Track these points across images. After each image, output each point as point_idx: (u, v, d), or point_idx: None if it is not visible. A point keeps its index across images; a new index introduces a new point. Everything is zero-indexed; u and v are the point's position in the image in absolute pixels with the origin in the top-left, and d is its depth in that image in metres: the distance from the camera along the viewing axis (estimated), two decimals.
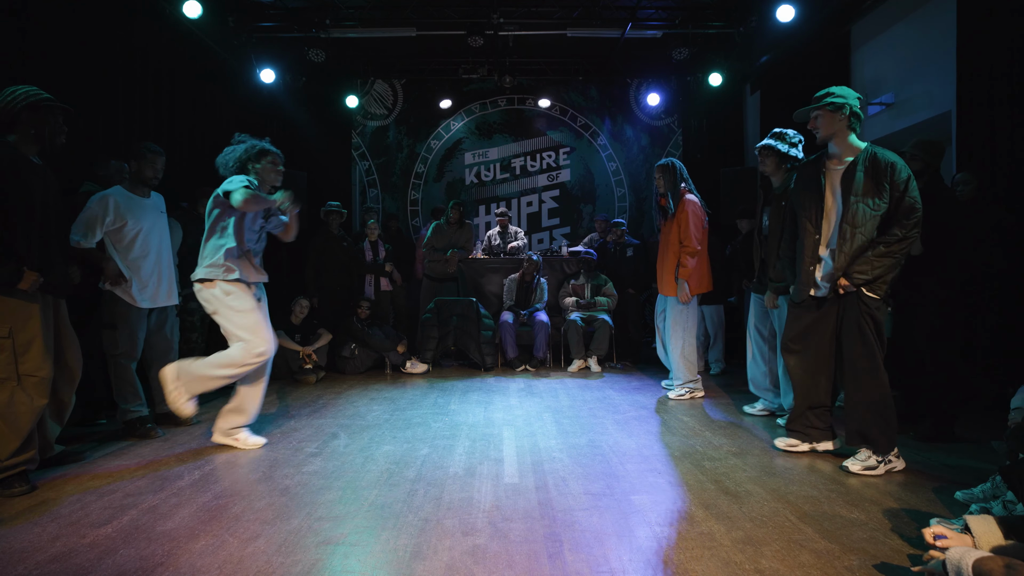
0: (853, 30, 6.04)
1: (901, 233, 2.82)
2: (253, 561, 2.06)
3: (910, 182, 2.83)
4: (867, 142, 2.98)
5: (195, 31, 5.85)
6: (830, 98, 2.94)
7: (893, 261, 2.85)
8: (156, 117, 5.47)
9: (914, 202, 2.82)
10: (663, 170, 4.54)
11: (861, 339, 2.92)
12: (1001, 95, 4.18)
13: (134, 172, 3.67)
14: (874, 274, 2.85)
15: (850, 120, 2.93)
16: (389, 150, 8.88)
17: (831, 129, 2.96)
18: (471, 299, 6.05)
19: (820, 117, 2.98)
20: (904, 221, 2.82)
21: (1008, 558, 1.58)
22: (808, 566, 2.00)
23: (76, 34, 4.47)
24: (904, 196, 2.82)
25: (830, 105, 2.93)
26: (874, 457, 2.93)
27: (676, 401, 4.59)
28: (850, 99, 2.93)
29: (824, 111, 2.96)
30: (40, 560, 2.08)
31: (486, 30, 6.59)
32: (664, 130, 9.00)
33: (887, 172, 2.83)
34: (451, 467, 3.05)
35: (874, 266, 2.85)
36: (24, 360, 2.71)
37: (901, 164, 2.86)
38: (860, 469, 2.91)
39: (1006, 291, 3.89)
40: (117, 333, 3.52)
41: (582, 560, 2.05)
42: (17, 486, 2.71)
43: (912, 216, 2.82)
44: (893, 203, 2.84)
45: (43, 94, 2.83)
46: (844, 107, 2.91)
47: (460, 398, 4.74)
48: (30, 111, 2.78)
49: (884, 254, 2.84)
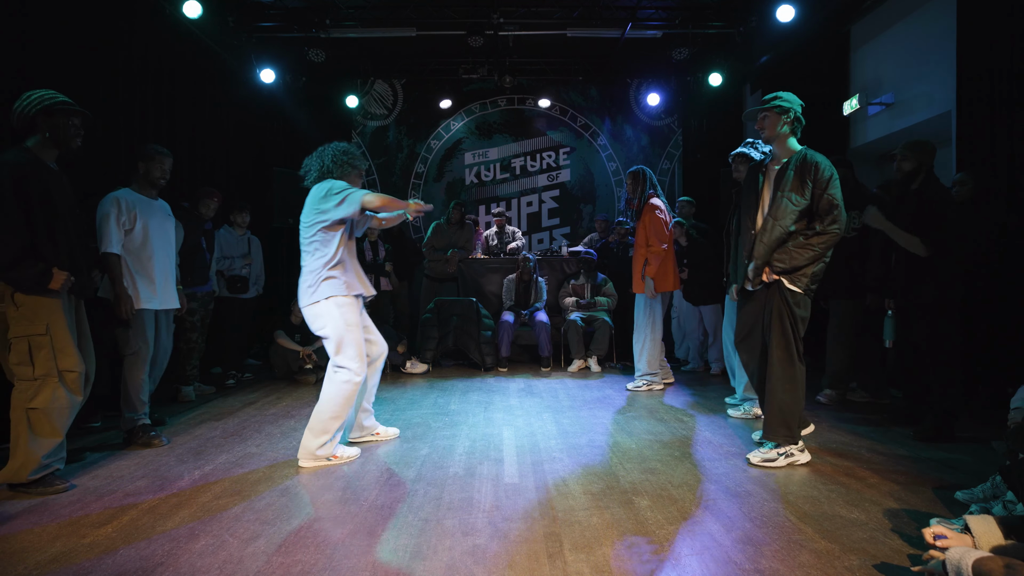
0: (853, 30, 6.04)
1: (819, 227, 2.94)
2: (253, 561, 2.06)
3: (832, 181, 2.96)
4: (804, 146, 3.11)
5: (195, 31, 5.85)
6: (778, 100, 3.08)
7: (812, 253, 2.94)
8: (156, 117, 5.47)
9: (832, 199, 2.93)
10: (633, 176, 4.92)
11: (780, 329, 3.00)
12: (1001, 95, 4.18)
13: (142, 174, 3.63)
14: (792, 264, 2.96)
15: (793, 124, 3.09)
16: (389, 150, 8.88)
17: (774, 130, 3.09)
18: (471, 299, 6.05)
19: (767, 118, 3.11)
20: (823, 216, 2.95)
21: (1008, 558, 1.58)
22: (808, 566, 2.00)
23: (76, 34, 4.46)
24: (824, 193, 2.94)
25: (777, 108, 3.07)
26: (775, 449, 3.02)
27: (679, 399, 4.60)
28: (795, 105, 3.09)
29: (771, 112, 3.09)
30: (40, 560, 2.08)
31: (486, 30, 6.59)
32: (664, 130, 9.00)
33: (811, 170, 2.98)
34: (451, 467, 3.05)
35: (792, 256, 2.96)
36: (63, 357, 2.75)
37: (826, 164, 2.99)
38: (760, 461, 3.02)
39: (1006, 291, 3.89)
40: (131, 332, 3.51)
41: (582, 560, 2.06)
42: (58, 483, 2.76)
43: (830, 212, 2.93)
44: (814, 200, 2.97)
45: (59, 97, 2.83)
46: (789, 111, 3.07)
47: (460, 398, 4.74)
48: (45, 115, 2.78)
49: (802, 245, 2.95)
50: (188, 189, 5.05)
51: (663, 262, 4.71)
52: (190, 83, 6.07)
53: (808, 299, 3.02)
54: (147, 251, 3.55)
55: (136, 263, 3.52)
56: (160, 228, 3.66)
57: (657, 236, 4.71)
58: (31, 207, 2.70)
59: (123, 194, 3.53)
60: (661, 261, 4.70)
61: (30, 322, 2.70)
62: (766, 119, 3.10)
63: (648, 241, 4.72)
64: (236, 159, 6.87)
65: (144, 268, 3.54)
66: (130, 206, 3.50)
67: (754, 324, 3.18)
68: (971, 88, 4.43)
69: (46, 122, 2.79)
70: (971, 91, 4.43)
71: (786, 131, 3.08)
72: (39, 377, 2.71)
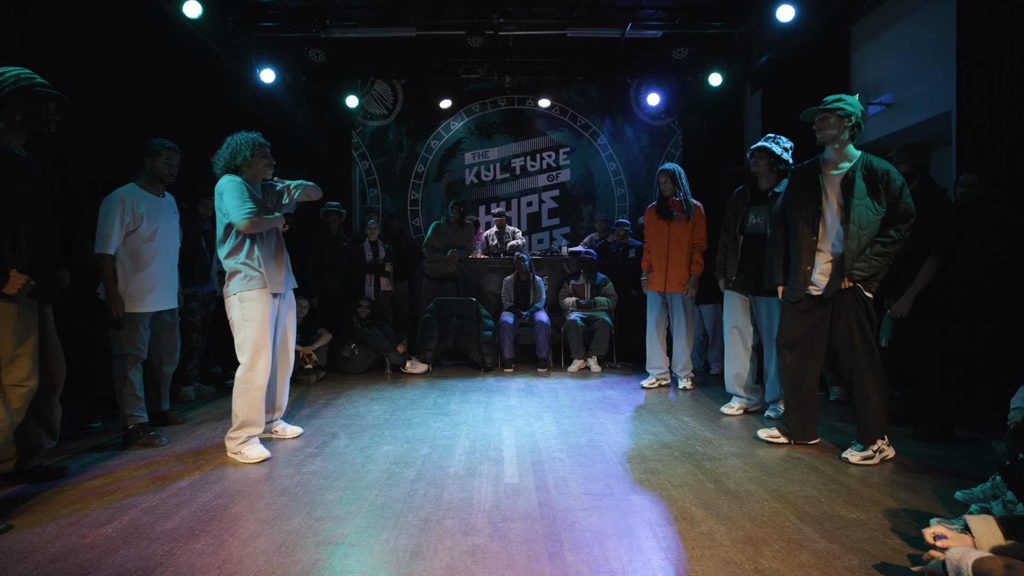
0: (853, 30, 6.04)
1: (897, 235, 3.02)
2: (253, 561, 2.06)
3: (904, 189, 3.03)
4: (863, 152, 3.14)
5: (195, 31, 5.85)
6: (842, 103, 3.06)
7: (887, 261, 3.05)
8: (156, 117, 5.47)
9: (908, 207, 3.02)
10: (671, 176, 4.84)
11: (863, 335, 3.07)
12: (1001, 95, 4.18)
13: (148, 170, 3.56)
14: (871, 271, 3.03)
15: (853, 129, 3.09)
16: (389, 150, 8.88)
17: (832, 135, 3.09)
18: (471, 299, 6.05)
19: (827, 119, 3.08)
20: (900, 225, 3.02)
21: (1008, 558, 1.58)
22: (808, 566, 2.00)
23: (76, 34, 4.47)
24: (899, 201, 3.01)
25: (840, 111, 3.05)
26: (870, 448, 3.09)
27: (679, 400, 4.60)
28: (858, 110, 3.08)
29: (834, 115, 3.07)
30: (40, 560, 2.08)
31: (486, 30, 6.59)
32: (664, 130, 9.00)
33: (883, 179, 3.03)
34: (451, 467, 3.05)
35: (872, 264, 3.02)
36: (10, 370, 2.48)
37: (895, 172, 3.06)
38: (859, 459, 3.07)
39: (1006, 291, 3.89)
40: (123, 334, 3.43)
41: (582, 560, 2.06)
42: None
43: (907, 220, 3.02)
44: (889, 208, 3.03)
45: (36, 79, 2.59)
46: (852, 116, 3.06)
47: (460, 398, 4.74)
48: (18, 96, 2.54)
49: (881, 253, 3.02)
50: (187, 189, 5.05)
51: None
52: (190, 83, 6.07)
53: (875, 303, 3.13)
54: (151, 251, 3.52)
55: (137, 263, 3.47)
56: (166, 227, 3.63)
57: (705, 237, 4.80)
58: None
59: (128, 192, 3.46)
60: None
61: None
62: (826, 120, 3.08)
63: (696, 242, 4.77)
64: None
65: (145, 268, 3.49)
66: (136, 205, 3.45)
67: (813, 329, 3.22)
68: (971, 88, 4.43)
69: (19, 104, 2.54)
70: (971, 91, 4.43)
71: (847, 136, 3.08)
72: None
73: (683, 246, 4.77)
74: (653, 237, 4.93)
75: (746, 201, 4.07)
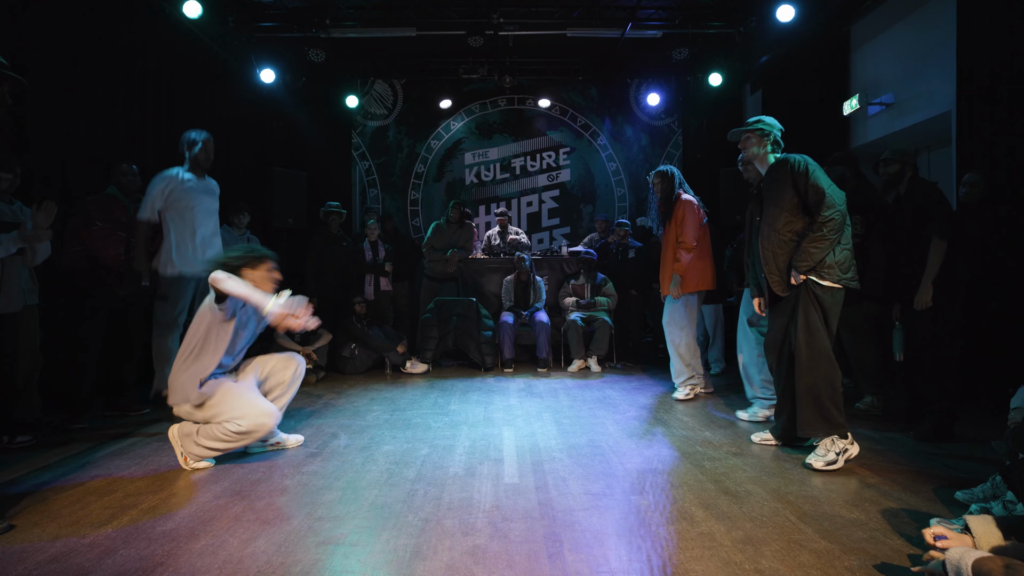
0: (853, 30, 6.04)
1: (822, 217, 2.97)
2: (253, 561, 2.06)
3: (808, 171, 3.04)
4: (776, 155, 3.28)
5: (195, 31, 5.85)
6: (759, 124, 3.28)
7: (826, 243, 2.99)
8: (156, 117, 5.47)
9: (815, 185, 3.00)
10: (661, 176, 4.74)
11: (804, 322, 3.04)
12: (1001, 95, 4.18)
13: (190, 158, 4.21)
14: (813, 260, 3.00)
15: (773, 146, 3.28)
16: (389, 150, 8.88)
17: (754, 152, 3.30)
18: (471, 299, 6.05)
19: (750, 139, 3.30)
20: (816, 207, 2.99)
21: (1008, 558, 1.58)
22: (808, 566, 2.00)
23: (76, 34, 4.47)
24: (806, 185, 3.01)
25: (758, 131, 3.27)
26: (832, 451, 2.99)
27: (680, 400, 4.58)
28: (775, 129, 3.28)
29: (753, 134, 3.29)
30: (40, 560, 2.08)
31: (486, 30, 6.59)
32: (664, 130, 9.00)
33: (783, 168, 3.10)
34: (451, 467, 3.05)
35: (809, 253, 3.01)
36: None
37: (797, 158, 3.10)
38: (823, 466, 2.96)
39: (1006, 290, 3.89)
40: (168, 304, 3.88)
41: (582, 560, 2.05)
42: None
43: (820, 199, 2.98)
44: (800, 195, 3.04)
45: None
46: (769, 135, 3.27)
47: (460, 398, 4.74)
48: None
49: (814, 239, 2.99)
50: None
51: (696, 260, 4.52)
52: (190, 83, 6.07)
53: (841, 292, 3.05)
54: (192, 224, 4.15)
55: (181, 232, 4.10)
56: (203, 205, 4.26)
57: (690, 231, 4.49)
58: None
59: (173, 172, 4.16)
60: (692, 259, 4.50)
61: None
62: (749, 139, 3.31)
63: (679, 237, 4.52)
64: (236, 159, 6.86)
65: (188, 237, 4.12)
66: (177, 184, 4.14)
67: (784, 331, 3.22)
68: (971, 88, 4.43)
69: None
70: (971, 91, 4.43)
71: (766, 150, 3.27)
72: None
73: (669, 247, 4.61)
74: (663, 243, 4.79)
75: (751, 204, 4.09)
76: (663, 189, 4.68)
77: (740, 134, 3.36)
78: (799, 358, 3.06)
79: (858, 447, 3.05)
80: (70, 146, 4.39)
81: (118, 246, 4.06)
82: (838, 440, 3.00)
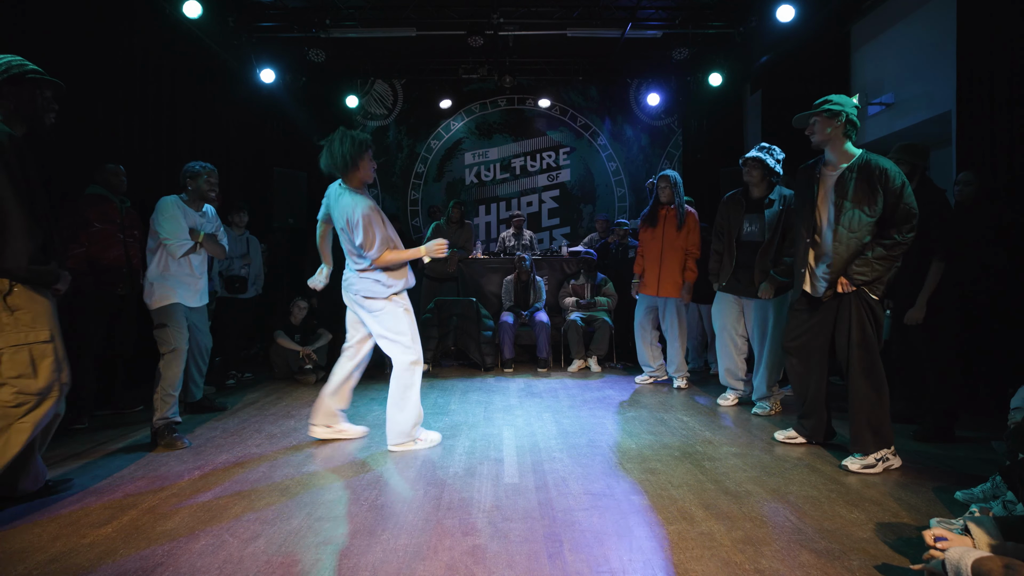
0: (853, 30, 6.04)
1: (899, 238, 2.89)
2: (253, 561, 2.06)
3: (905, 188, 2.89)
4: (863, 149, 3.05)
5: (195, 31, 5.85)
6: (827, 105, 3.01)
7: (891, 264, 2.93)
8: (156, 117, 5.47)
9: (910, 207, 2.88)
10: (672, 182, 4.88)
11: (863, 338, 2.98)
12: (1001, 95, 4.18)
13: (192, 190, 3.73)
14: (873, 275, 2.94)
15: (846, 127, 2.99)
16: (389, 150, 8.88)
17: (826, 135, 3.02)
18: (471, 299, 6.05)
19: (817, 122, 3.04)
20: (902, 227, 2.90)
21: (1007, 558, 1.58)
22: (808, 566, 2.00)
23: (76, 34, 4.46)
24: (900, 202, 2.88)
25: (827, 112, 3.00)
26: (872, 455, 2.96)
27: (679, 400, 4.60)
28: (847, 107, 2.99)
29: (821, 117, 3.02)
30: (40, 560, 2.08)
31: (486, 30, 6.59)
32: (664, 130, 9.00)
33: (880, 178, 2.91)
34: (451, 467, 3.05)
35: (874, 268, 2.92)
36: (66, 368, 2.49)
37: (895, 171, 2.92)
38: (859, 468, 2.95)
39: (1005, 291, 3.89)
40: (168, 330, 3.49)
41: (582, 560, 2.05)
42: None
43: (910, 221, 2.89)
44: (888, 209, 2.91)
45: (28, 65, 2.46)
46: (841, 114, 2.98)
47: (460, 398, 4.74)
48: (11, 84, 2.40)
49: (883, 257, 2.91)
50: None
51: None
52: (190, 83, 6.07)
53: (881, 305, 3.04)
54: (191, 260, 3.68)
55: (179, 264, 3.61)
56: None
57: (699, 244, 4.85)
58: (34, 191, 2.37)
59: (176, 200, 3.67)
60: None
61: (31, 328, 2.37)
62: (816, 124, 3.04)
63: (689, 248, 4.82)
64: (236, 159, 6.86)
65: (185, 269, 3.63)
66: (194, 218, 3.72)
67: (817, 332, 3.16)
68: (971, 88, 4.43)
69: (12, 92, 2.41)
70: (971, 91, 4.43)
71: (839, 135, 3.00)
72: (41, 392, 2.40)
73: (677, 252, 4.83)
74: (647, 243, 4.98)
75: (741, 209, 4.14)
76: (674, 195, 4.86)
77: (807, 119, 3.08)
78: (853, 370, 2.99)
79: (900, 460, 3.00)
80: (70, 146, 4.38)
81: (119, 247, 4.07)
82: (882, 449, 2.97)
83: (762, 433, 3.68)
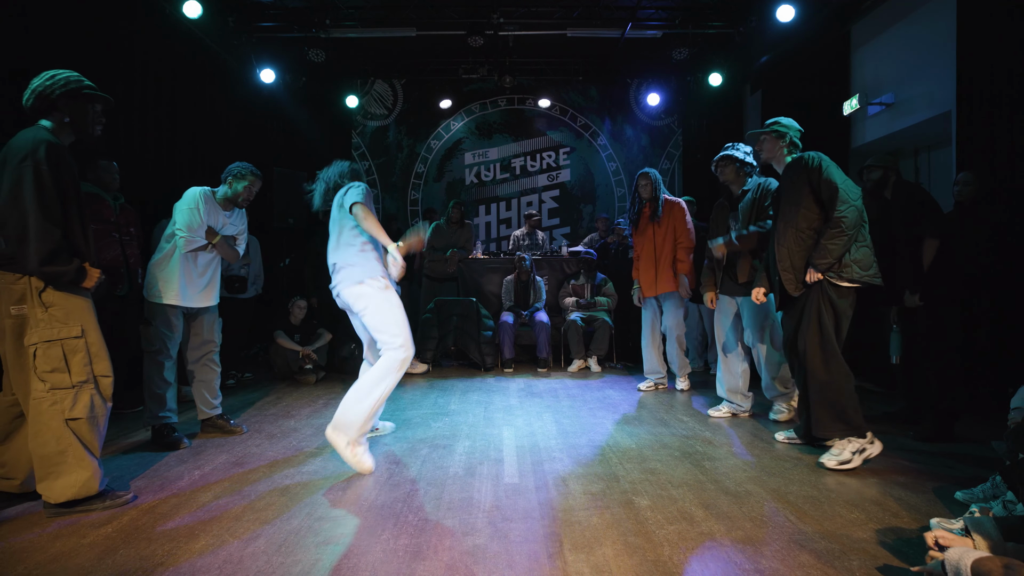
0: (853, 30, 6.04)
1: (837, 212, 2.96)
2: (253, 561, 2.06)
3: (822, 167, 3.03)
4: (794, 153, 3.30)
5: (195, 31, 5.86)
6: (776, 126, 3.30)
7: (845, 238, 2.96)
8: (156, 117, 5.47)
9: (829, 181, 2.99)
10: (652, 179, 4.88)
11: (817, 323, 3.00)
12: (1001, 95, 4.18)
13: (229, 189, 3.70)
14: (834, 256, 2.96)
15: (790, 147, 3.29)
16: (389, 150, 8.89)
17: (772, 152, 3.33)
18: (471, 299, 6.05)
19: (766, 140, 3.34)
20: (831, 202, 2.98)
21: (1007, 558, 1.58)
22: (808, 566, 2.00)
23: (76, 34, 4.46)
24: (820, 180, 3.00)
25: (775, 132, 3.30)
26: (847, 449, 2.96)
27: (679, 400, 4.60)
28: (791, 130, 3.30)
29: (769, 136, 3.31)
30: (40, 560, 2.08)
31: (486, 30, 6.60)
32: (664, 130, 9.00)
33: (799, 166, 3.09)
34: (451, 467, 3.05)
35: (828, 249, 2.97)
36: (98, 361, 2.56)
37: (812, 155, 3.08)
38: (836, 464, 2.95)
39: (1005, 291, 3.89)
40: (152, 330, 3.44)
41: (582, 560, 2.05)
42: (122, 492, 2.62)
43: (835, 194, 2.96)
44: (814, 191, 3.04)
45: (84, 81, 2.63)
46: (785, 136, 3.29)
47: (460, 398, 4.74)
48: (68, 98, 2.57)
49: (834, 235, 2.96)
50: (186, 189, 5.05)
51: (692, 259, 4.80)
52: (190, 83, 6.07)
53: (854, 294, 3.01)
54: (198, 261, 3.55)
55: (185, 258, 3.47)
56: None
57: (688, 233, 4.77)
58: (66, 196, 2.47)
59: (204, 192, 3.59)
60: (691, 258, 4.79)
61: (63, 324, 2.47)
62: (764, 142, 3.34)
63: (679, 239, 4.75)
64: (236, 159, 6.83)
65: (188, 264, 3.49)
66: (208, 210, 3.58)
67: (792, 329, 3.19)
68: (971, 88, 4.43)
69: (68, 106, 2.58)
70: (971, 91, 4.43)
71: (782, 154, 3.29)
72: (76, 384, 2.47)
73: (667, 246, 4.78)
74: (640, 244, 4.94)
75: (727, 212, 4.13)
76: (653, 189, 4.84)
77: (757, 136, 3.37)
78: (810, 359, 3.01)
79: (880, 445, 2.98)
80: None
81: (115, 247, 4.03)
82: (854, 439, 2.96)
83: (762, 433, 3.68)
